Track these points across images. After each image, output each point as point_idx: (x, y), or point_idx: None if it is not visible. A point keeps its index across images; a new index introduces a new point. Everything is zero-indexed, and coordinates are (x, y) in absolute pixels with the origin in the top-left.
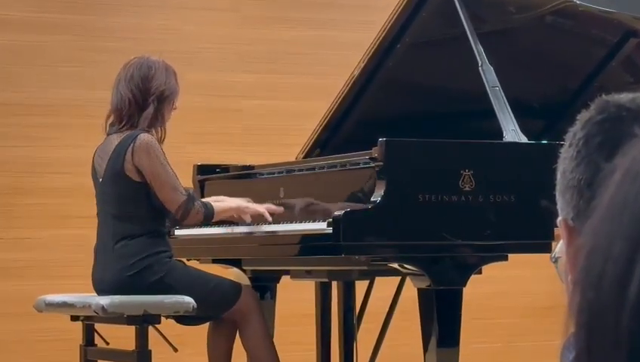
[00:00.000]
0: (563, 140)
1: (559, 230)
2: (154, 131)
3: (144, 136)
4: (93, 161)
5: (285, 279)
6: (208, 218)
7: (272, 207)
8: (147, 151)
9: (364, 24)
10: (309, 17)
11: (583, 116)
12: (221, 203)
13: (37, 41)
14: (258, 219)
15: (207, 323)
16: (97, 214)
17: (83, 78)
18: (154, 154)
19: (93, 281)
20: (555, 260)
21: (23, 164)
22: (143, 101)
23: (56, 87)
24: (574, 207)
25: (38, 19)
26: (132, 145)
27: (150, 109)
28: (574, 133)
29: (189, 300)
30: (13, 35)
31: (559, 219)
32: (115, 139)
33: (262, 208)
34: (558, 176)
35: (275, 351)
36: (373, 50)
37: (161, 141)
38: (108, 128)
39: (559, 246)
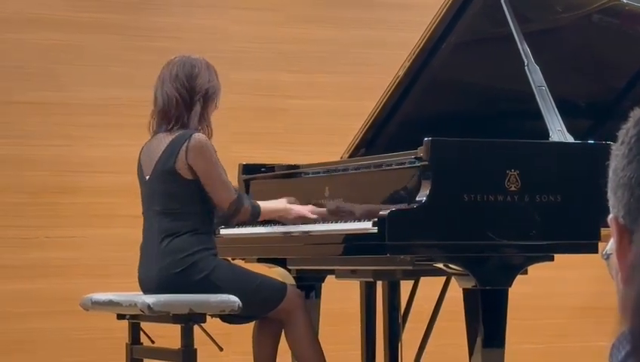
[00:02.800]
0: (609, 140)
1: (607, 230)
2: (200, 130)
3: (198, 136)
4: (139, 159)
5: (330, 278)
6: (255, 216)
7: (316, 209)
8: (201, 151)
9: (409, 23)
10: (354, 16)
11: (635, 113)
12: (268, 203)
13: (80, 41)
14: (302, 220)
15: (253, 322)
16: (143, 213)
17: (127, 77)
18: (208, 153)
19: (139, 279)
20: (607, 257)
21: (67, 164)
22: (190, 100)
23: (101, 86)
24: (625, 205)
25: (82, 18)
26: (186, 143)
27: (197, 108)
28: (627, 131)
29: (234, 299)
30: (57, 34)
31: (610, 216)
32: (165, 137)
33: (305, 210)
34: (610, 173)
35: (321, 350)
36: (418, 50)
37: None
38: (155, 127)
39: (611, 243)
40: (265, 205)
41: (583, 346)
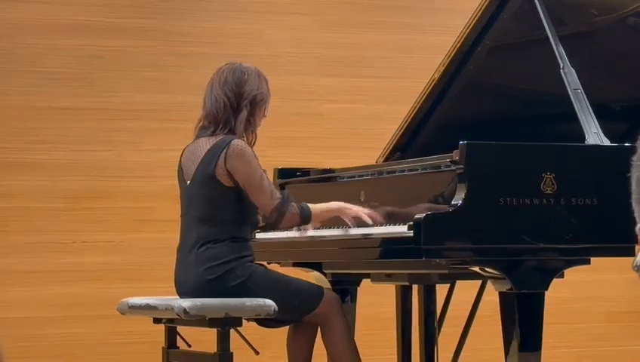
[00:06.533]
0: None
1: None
2: (245, 136)
3: (237, 142)
4: (180, 163)
5: (366, 282)
6: (306, 219)
7: (374, 214)
8: (240, 157)
9: (444, 27)
10: (389, 21)
11: None
12: (319, 204)
13: (118, 47)
14: (357, 221)
15: (288, 326)
16: (181, 216)
17: (164, 82)
18: (247, 159)
19: (175, 283)
20: (638, 268)
21: (104, 168)
22: (237, 105)
23: (138, 91)
24: None
25: (119, 24)
26: (225, 150)
27: (244, 113)
28: None
29: (270, 303)
30: (94, 40)
31: (638, 226)
32: (206, 142)
33: (362, 212)
34: (633, 184)
35: (358, 354)
36: (453, 54)
37: (251, 145)
38: (198, 131)
39: None
40: (317, 205)
41: (619, 350)
